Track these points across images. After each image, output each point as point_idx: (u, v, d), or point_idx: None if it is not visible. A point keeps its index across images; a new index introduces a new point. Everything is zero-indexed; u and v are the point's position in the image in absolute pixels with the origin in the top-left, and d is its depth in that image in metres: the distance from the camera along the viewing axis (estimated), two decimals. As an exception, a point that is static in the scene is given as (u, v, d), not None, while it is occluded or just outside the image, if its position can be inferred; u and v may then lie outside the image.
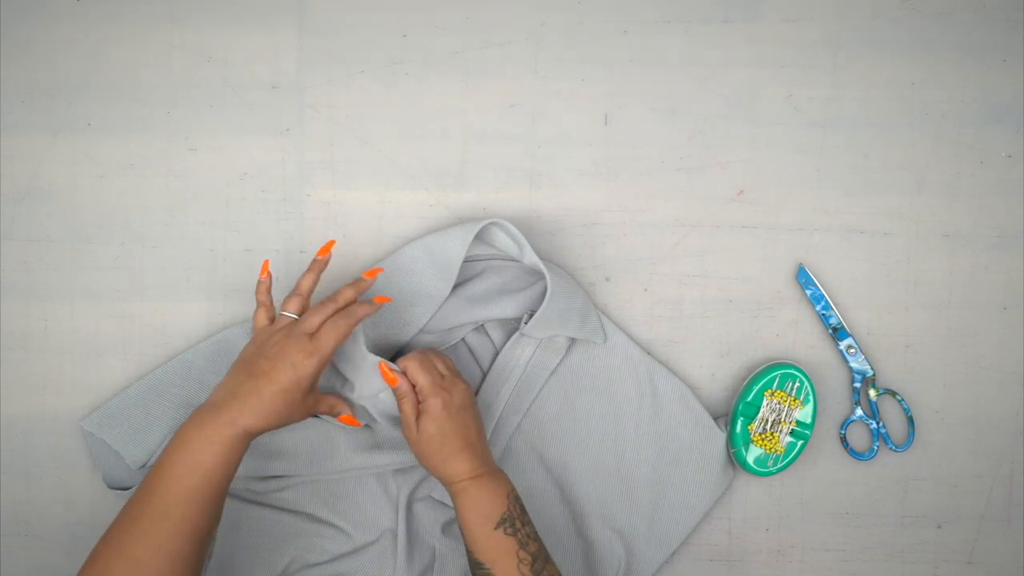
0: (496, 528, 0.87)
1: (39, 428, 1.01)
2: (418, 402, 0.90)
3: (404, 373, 0.90)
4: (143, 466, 0.96)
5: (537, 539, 0.88)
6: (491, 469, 0.90)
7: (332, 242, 0.92)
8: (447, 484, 0.90)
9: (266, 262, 0.92)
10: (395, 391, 0.91)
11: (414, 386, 0.90)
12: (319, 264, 0.92)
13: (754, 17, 1.01)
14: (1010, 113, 1.02)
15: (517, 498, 0.90)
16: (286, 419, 0.87)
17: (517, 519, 0.88)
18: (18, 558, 1.01)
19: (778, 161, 1.02)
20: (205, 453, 0.83)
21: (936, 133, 1.02)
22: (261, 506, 0.98)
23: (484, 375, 1.00)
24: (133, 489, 0.96)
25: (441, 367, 0.92)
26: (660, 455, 1.00)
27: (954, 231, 1.03)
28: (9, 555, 1.01)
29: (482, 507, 0.88)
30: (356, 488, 0.99)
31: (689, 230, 1.02)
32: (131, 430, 0.96)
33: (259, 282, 0.91)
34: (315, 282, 0.91)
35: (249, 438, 0.85)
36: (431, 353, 0.93)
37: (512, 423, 0.99)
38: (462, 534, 0.89)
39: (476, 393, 0.99)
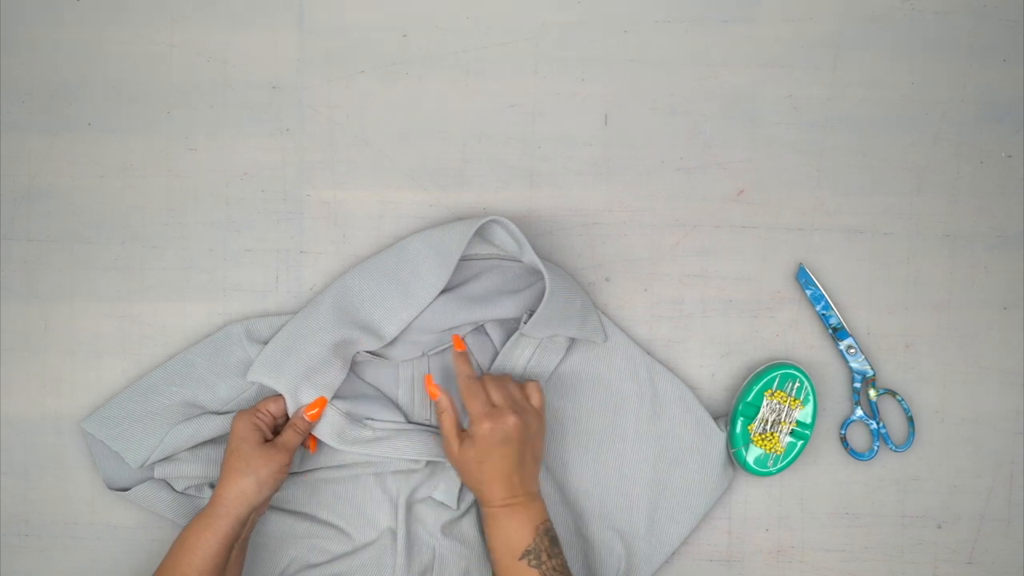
0: (520, 559, 0.88)
1: (39, 428, 1.01)
2: (458, 420, 0.93)
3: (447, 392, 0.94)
4: (142, 464, 0.96)
5: (565, 571, 0.88)
6: (526, 499, 0.90)
7: (323, 400, 0.94)
8: (481, 503, 0.91)
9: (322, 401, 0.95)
10: (436, 404, 0.93)
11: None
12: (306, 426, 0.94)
13: (754, 17, 1.01)
14: (1010, 113, 1.02)
15: (548, 531, 0.90)
16: (251, 477, 0.89)
17: (544, 551, 0.88)
18: (18, 558, 1.01)
19: (778, 161, 1.02)
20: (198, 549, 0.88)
21: (936, 133, 1.02)
22: (261, 506, 0.99)
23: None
24: (133, 490, 0.96)
25: (497, 396, 0.91)
26: (660, 455, 1.00)
27: (954, 231, 1.03)
28: (9, 555, 1.01)
29: (509, 537, 0.88)
30: (356, 488, 0.99)
31: (689, 230, 1.02)
32: (131, 429, 0.96)
33: (302, 418, 0.94)
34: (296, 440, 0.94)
35: (230, 515, 0.89)
36: (499, 379, 0.93)
37: (512, 423, 0.99)
38: (490, 557, 0.90)
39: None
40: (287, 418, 0.94)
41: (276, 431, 0.94)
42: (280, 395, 0.94)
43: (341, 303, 0.97)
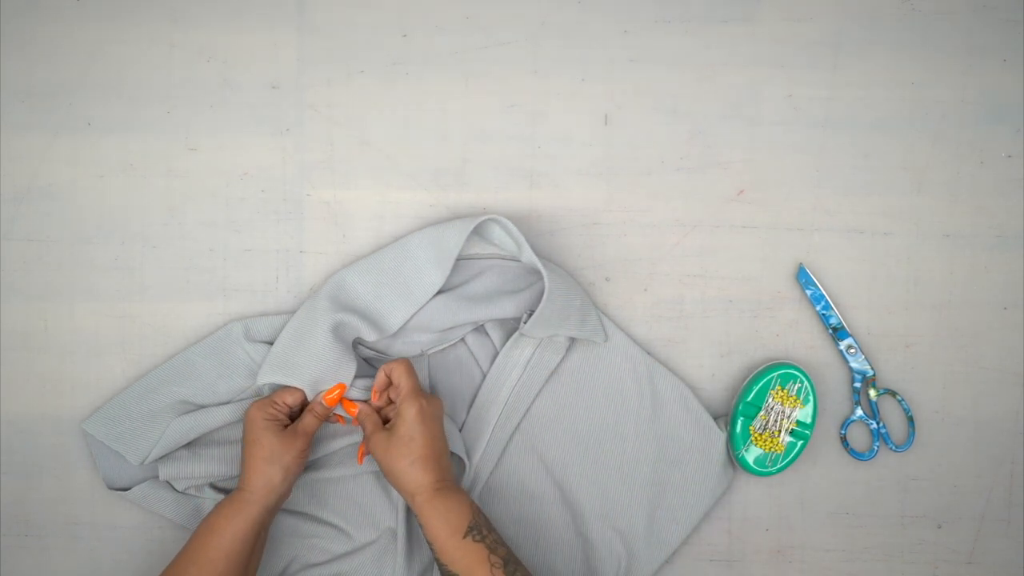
0: (465, 536, 0.88)
1: (39, 428, 1.01)
2: (381, 417, 0.95)
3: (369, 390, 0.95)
4: (143, 462, 0.96)
5: (503, 544, 0.89)
6: (452, 482, 0.92)
7: (342, 386, 0.94)
8: (410, 495, 0.90)
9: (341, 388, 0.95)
10: (359, 415, 0.94)
11: (391, 386, 0.94)
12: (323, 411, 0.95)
13: (754, 17, 1.01)
14: (1010, 113, 1.02)
15: (479, 507, 0.92)
16: (277, 464, 0.90)
17: (483, 526, 0.89)
18: (18, 558, 1.01)
19: (778, 161, 1.02)
20: (226, 532, 0.90)
21: (936, 133, 1.02)
22: (261, 506, 0.99)
23: (484, 375, 1.00)
24: (133, 490, 0.97)
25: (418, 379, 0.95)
26: (660, 455, 1.01)
27: (954, 231, 1.03)
28: (9, 555, 1.01)
29: (449, 517, 0.89)
30: (356, 488, 0.99)
31: (689, 230, 1.02)
32: (131, 428, 0.96)
33: (320, 403, 0.94)
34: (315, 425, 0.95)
35: (259, 503, 0.90)
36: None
37: (512, 423, 0.99)
38: (430, 547, 0.90)
39: (476, 393, 1.00)
40: (301, 409, 0.95)
41: (291, 420, 0.95)
42: (293, 387, 0.94)
43: (339, 298, 0.97)
